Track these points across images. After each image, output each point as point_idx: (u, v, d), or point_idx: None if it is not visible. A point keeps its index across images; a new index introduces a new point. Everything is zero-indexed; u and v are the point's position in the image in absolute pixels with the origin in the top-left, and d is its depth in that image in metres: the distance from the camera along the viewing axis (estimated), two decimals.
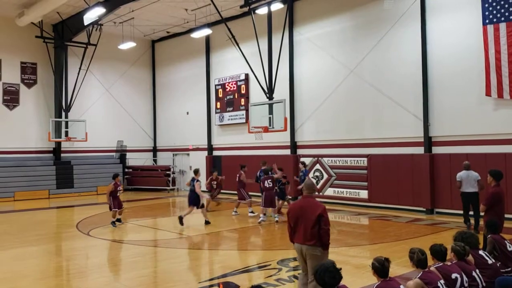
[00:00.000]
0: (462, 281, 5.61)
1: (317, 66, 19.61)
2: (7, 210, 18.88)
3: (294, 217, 6.42)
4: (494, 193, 8.60)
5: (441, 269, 5.68)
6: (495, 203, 8.55)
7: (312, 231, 6.19)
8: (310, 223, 6.20)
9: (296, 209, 6.49)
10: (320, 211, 6.22)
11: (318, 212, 6.19)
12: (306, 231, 6.24)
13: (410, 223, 14.24)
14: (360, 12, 18.14)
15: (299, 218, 6.34)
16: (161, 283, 8.43)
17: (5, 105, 23.47)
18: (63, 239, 13.06)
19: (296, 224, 6.38)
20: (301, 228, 6.30)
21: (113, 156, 26.83)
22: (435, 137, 16.01)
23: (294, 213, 6.45)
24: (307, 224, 6.23)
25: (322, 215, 6.19)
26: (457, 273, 5.65)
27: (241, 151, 22.78)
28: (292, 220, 6.46)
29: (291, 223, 6.50)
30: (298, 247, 6.40)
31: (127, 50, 25.69)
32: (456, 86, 15.33)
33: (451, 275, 5.61)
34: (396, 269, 8.34)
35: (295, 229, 6.41)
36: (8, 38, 23.31)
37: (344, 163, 18.34)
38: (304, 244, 6.27)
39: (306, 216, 6.27)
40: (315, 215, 6.19)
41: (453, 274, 5.62)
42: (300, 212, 6.38)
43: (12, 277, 8.75)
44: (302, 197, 6.67)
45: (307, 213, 6.27)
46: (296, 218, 6.39)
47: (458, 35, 15.32)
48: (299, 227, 6.33)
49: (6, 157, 23.07)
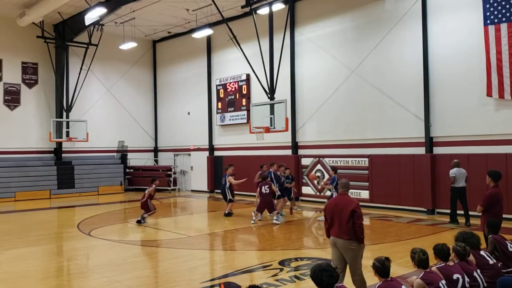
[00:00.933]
0: (463, 282, 5.60)
1: (319, 66, 19.61)
2: (8, 211, 18.90)
3: (330, 213, 6.85)
4: (492, 194, 8.51)
5: (443, 269, 5.68)
6: (492, 204, 8.43)
7: (347, 225, 6.60)
8: (345, 218, 6.61)
9: (332, 205, 6.93)
10: (354, 207, 6.63)
11: (352, 208, 6.60)
12: (341, 225, 6.65)
13: (411, 223, 14.23)
14: (362, 12, 18.14)
15: (334, 214, 6.77)
16: (162, 283, 8.44)
17: (6, 105, 23.50)
18: (64, 239, 13.07)
19: (332, 219, 6.81)
20: (337, 223, 6.72)
21: (114, 157, 26.85)
22: (436, 137, 16.00)
23: (330, 209, 6.87)
24: (342, 219, 6.65)
25: (355, 211, 6.59)
26: (458, 273, 5.64)
27: (243, 151, 22.79)
28: (328, 215, 6.89)
29: (327, 219, 6.93)
30: (333, 240, 6.81)
31: (128, 50, 25.72)
32: (457, 86, 15.33)
33: (453, 275, 5.60)
34: (398, 269, 8.34)
35: (331, 224, 6.83)
36: (9, 38, 23.34)
37: (345, 164, 18.33)
38: (340, 238, 6.68)
39: (341, 211, 6.69)
40: (349, 211, 6.59)
41: (455, 274, 5.61)
42: (335, 208, 6.80)
43: (13, 277, 8.76)
44: (338, 194, 7.24)
45: (342, 209, 6.69)
46: (331, 213, 6.82)
47: (459, 36, 15.32)
48: (335, 222, 6.76)
49: (7, 157, 23.10)
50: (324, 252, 10.58)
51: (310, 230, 14.03)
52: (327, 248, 11.14)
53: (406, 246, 10.12)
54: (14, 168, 22.52)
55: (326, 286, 4.52)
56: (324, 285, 4.52)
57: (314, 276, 4.57)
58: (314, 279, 4.57)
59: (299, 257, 9.93)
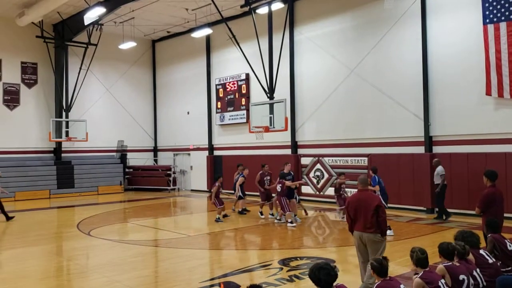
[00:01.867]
0: (468, 283, 5.59)
1: (318, 65, 19.61)
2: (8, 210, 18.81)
3: (353, 209, 7.11)
4: (487, 194, 8.40)
5: (449, 269, 5.66)
6: (489, 204, 8.36)
7: (372, 220, 6.92)
8: (369, 213, 6.94)
9: (355, 201, 7.18)
10: (378, 202, 7.05)
11: (376, 203, 6.98)
12: (366, 220, 6.96)
13: (411, 222, 14.24)
14: (361, 11, 18.14)
15: (358, 209, 7.06)
16: (162, 283, 8.44)
17: (6, 105, 23.49)
18: (64, 239, 13.07)
19: (356, 214, 7.08)
20: (361, 218, 7.01)
21: (113, 156, 26.85)
22: (436, 136, 16.01)
23: (353, 205, 7.14)
24: (367, 214, 6.96)
25: (380, 206, 6.98)
26: (464, 274, 5.62)
27: (242, 151, 22.79)
28: (351, 212, 7.15)
29: (350, 214, 7.18)
30: (358, 234, 7.07)
31: (128, 50, 25.71)
32: (456, 85, 15.34)
33: (459, 276, 5.58)
34: (397, 268, 8.35)
35: (355, 219, 7.10)
36: (8, 38, 23.32)
37: (345, 163, 18.35)
38: (365, 232, 6.99)
39: (365, 207, 7.00)
40: (373, 206, 6.94)
41: (461, 275, 5.59)
42: (358, 203, 7.09)
43: (13, 277, 8.77)
44: (358, 191, 7.33)
45: (365, 204, 7.01)
46: (355, 209, 7.09)
47: (459, 35, 15.33)
48: (359, 217, 7.04)
49: (6, 157, 23.08)
50: (324, 251, 10.59)
51: (310, 229, 14.04)
52: (327, 247, 11.19)
53: (405, 245, 10.13)
54: (13, 168, 22.49)
55: (324, 284, 4.51)
56: (322, 283, 4.51)
57: (312, 274, 4.56)
58: (312, 277, 4.56)
59: (299, 256, 9.93)
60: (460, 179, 15.01)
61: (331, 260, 9.25)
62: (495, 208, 8.32)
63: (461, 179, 15.00)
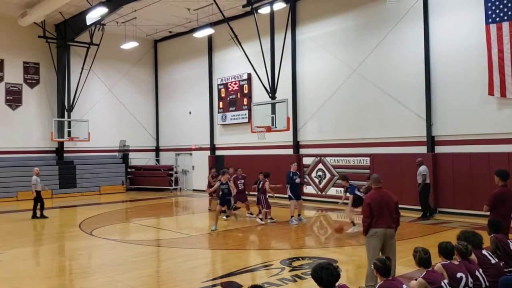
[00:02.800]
0: (467, 281, 5.59)
1: (320, 65, 19.59)
2: (10, 210, 18.93)
3: (377, 206, 7.17)
4: (497, 193, 8.39)
5: (447, 267, 5.67)
6: (498, 204, 8.34)
7: (394, 216, 7.24)
8: (393, 210, 7.23)
9: (377, 199, 7.24)
10: (396, 199, 7.36)
11: (396, 200, 7.33)
12: (391, 217, 7.21)
13: (413, 222, 14.21)
14: (363, 11, 18.12)
15: (382, 206, 7.18)
16: (164, 283, 8.43)
17: (8, 105, 23.53)
18: (66, 239, 13.07)
19: (380, 211, 7.16)
20: (386, 215, 7.17)
21: (115, 156, 26.87)
22: (438, 136, 15.98)
23: (377, 203, 7.20)
24: (391, 211, 7.22)
25: (397, 203, 7.33)
26: (462, 272, 5.63)
27: (244, 150, 22.78)
28: (376, 209, 7.17)
29: (374, 212, 7.17)
30: (383, 231, 7.15)
31: (130, 50, 25.73)
32: (459, 85, 15.30)
33: (457, 274, 5.59)
34: (399, 268, 8.32)
35: (379, 216, 7.16)
36: (10, 38, 23.36)
37: (347, 163, 18.33)
38: (390, 228, 7.19)
39: (388, 204, 7.21)
40: (395, 203, 7.28)
41: (459, 273, 5.60)
42: (381, 201, 7.21)
43: (15, 277, 8.77)
44: (375, 189, 7.41)
45: (388, 202, 7.22)
46: (379, 206, 7.17)
47: (461, 34, 15.29)
48: (384, 214, 7.16)
49: (8, 157, 23.12)
50: (326, 251, 10.57)
51: (312, 229, 14.02)
52: (329, 247, 11.16)
53: (408, 245, 10.09)
54: (15, 168, 22.52)
55: (326, 284, 4.51)
56: (324, 283, 4.51)
57: (315, 274, 4.56)
58: (315, 277, 4.56)
59: (301, 256, 9.92)
60: (463, 179, 14.97)
61: (333, 260, 9.23)
62: (504, 208, 8.25)
63: (463, 179, 14.96)
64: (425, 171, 14.70)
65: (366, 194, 7.61)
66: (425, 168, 14.73)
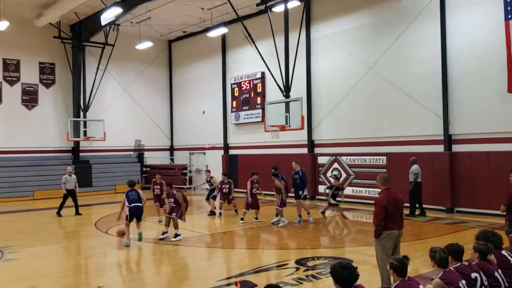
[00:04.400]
0: (482, 280, 5.48)
1: (335, 63, 19.46)
2: (27, 209, 19.14)
3: (392, 207, 7.15)
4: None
5: (460, 269, 5.55)
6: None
7: (402, 217, 7.36)
8: (402, 210, 7.35)
9: (392, 199, 7.21)
10: (403, 199, 7.49)
11: (404, 201, 7.45)
12: (402, 217, 7.33)
13: (430, 222, 14.04)
14: (378, 9, 17.94)
15: (396, 207, 7.21)
16: (178, 281, 8.43)
17: (24, 105, 23.80)
18: (82, 237, 13.17)
19: (395, 212, 7.17)
20: (398, 216, 7.24)
21: (131, 155, 27.04)
22: (455, 135, 15.75)
23: (392, 203, 7.17)
24: (401, 212, 7.34)
25: (404, 203, 7.48)
26: (476, 272, 5.52)
27: (258, 150, 22.74)
28: (391, 210, 7.13)
29: (390, 213, 7.10)
30: (396, 233, 7.19)
31: (144, 50, 25.84)
32: (476, 82, 15.06)
33: (471, 274, 5.48)
34: (416, 268, 8.22)
35: (393, 217, 7.14)
36: (26, 39, 23.61)
37: (363, 162, 18.17)
38: (400, 229, 7.26)
39: (399, 205, 7.29)
40: (403, 202, 7.37)
41: (473, 273, 5.49)
42: (395, 201, 7.22)
43: (33, 275, 8.85)
44: (386, 190, 7.29)
45: (399, 203, 7.28)
46: (394, 207, 7.17)
47: (479, 31, 15.04)
48: (397, 215, 7.21)
49: (25, 156, 23.40)
50: (342, 252, 10.49)
51: (327, 229, 13.93)
52: (345, 247, 11.07)
53: (424, 245, 9.97)
54: (32, 167, 22.79)
55: (345, 283, 4.47)
56: (343, 281, 4.47)
57: (334, 272, 4.52)
58: (334, 274, 4.52)
59: (316, 256, 9.84)
60: (480, 178, 14.75)
61: (348, 260, 9.14)
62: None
63: (481, 178, 14.73)
64: (417, 170, 14.90)
65: (379, 196, 7.44)
66: (417, 167, 14.94)
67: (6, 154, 23.03)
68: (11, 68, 23.45)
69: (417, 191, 14.94)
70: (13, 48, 23.33)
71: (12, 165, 22.62)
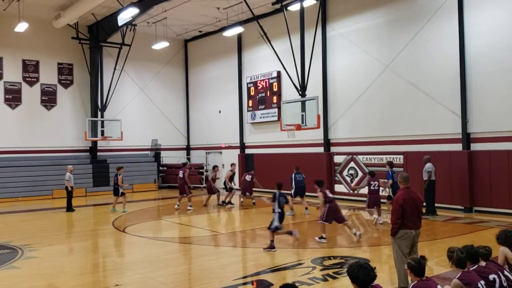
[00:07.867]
0: (500, 281, 5.41)
1: (351, 62, 19.34)
2: (46, 208, 19.40)
3: (410, 207, 7.10)
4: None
5: (478, 272, 5.48)
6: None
7: (420, 217, 7.27)
8: (420, 210, 7.28)
9: (409, 199, 7.16)
10: (422, 199, 7.48)
11: (422, 200, 7.46)
12: (420, 217, 7.26)
13: (448, 221, 13.88)
14: (395, 6, 17.78)
15: (413, 207, 7.15)
16: (195, 280, 8.47)
17: (43, 105, 24.14)
18: (100, 236, 13.30)
19: (412, 212, 7.12)
20: (415, 215, 7.16)
21: (148, 155, 27.24)
22: (474, 133, 15.54)
23: (409, 203, 7.11)
24: (420, 212, 7.26)
25: (423, 202, 7.48)
26: (494, 273, 5.45)
27: (274, 149, 22.73)
28: (409, 209, 7.09)
29: (406, 214, 7.06)
30: (413, 233, 7.13)
31: (161, 50, 25.99)
32: (495, 80, 14.82)
33: (489, 276, 5.41)
34: (433, 268, 8.14)
35: (411, 216, 7.09)
36: (45, 40, 23.95)
37: (380, 161, 18.03)
38: (417, 229, 7.21)
39: (417, 204, 7.21)
40: (421, 202, 7.35)
41: (491, 275, 5.43)
42: (413, 201, 7.16)
43: (52, 273, 8.98)
44: (405, 189, 7.25)
45: (417, 202, 7.21)
46: (411, 206, 7.12)
47: (498, 28, 14.80)
48: (414, 214, 7.14)
49: (44, 156, 23.74)
50: (358, 251, 10.43)
51: (343, 228, 13.84)
52: (362, 246, 10.99)
53: (442, 245, 9.86)
54: (51, 167, 23.10)
55: (361, 283, 4.43)
56: (359, 281, 4.43)
57: (351, 271, 4.48)
58: (350, 274, 4.48)
59: (332, 255, 9.80)
60: (500, 177, 14.53)
61: (365, 259, 9.09)
62: None
63: (501, 177, 14.51)
64: (431, 168, 14.82)
65: (397, 194, 7.36)
66: (430, 165, 14.88)
67: (26, 154, 23.40)
68: (30, 69, 23.81)
69: (430, 190, 14.85)
70: (32, 49, 23.69)
71: (31, 164, 22.98)
